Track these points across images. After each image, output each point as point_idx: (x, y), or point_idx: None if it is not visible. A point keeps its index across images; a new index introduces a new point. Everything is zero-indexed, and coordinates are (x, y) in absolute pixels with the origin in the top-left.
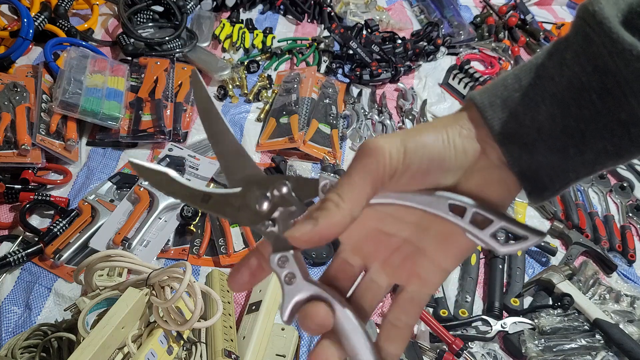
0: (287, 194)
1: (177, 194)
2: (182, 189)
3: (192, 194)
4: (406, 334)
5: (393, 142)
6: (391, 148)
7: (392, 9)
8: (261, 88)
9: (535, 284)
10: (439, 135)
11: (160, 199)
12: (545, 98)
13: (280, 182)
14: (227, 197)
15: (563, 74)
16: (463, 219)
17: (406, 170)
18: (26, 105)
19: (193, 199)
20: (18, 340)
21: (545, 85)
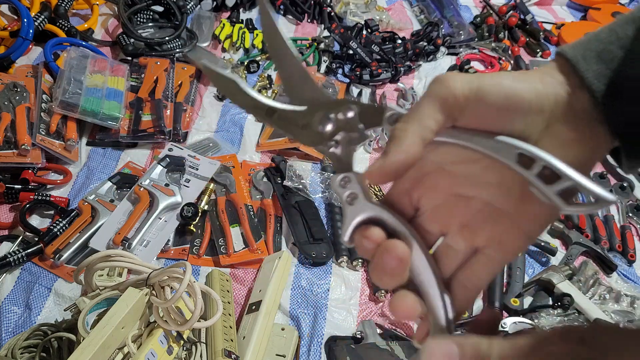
0: (352, 119)
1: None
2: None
3: (256, 106)
4: (473, 296)
5: (468, 76)
6: (464, 80)
7: (392, 9)
8: (261, 88)
9: (535, 284)
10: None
11: (160, 199)
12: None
13: (346, 106)
14: (292, 113)
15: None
16: (530, 170)
17: (479, 104)
18: (26, 105)
19: (257, 111)
20: (18, 340)
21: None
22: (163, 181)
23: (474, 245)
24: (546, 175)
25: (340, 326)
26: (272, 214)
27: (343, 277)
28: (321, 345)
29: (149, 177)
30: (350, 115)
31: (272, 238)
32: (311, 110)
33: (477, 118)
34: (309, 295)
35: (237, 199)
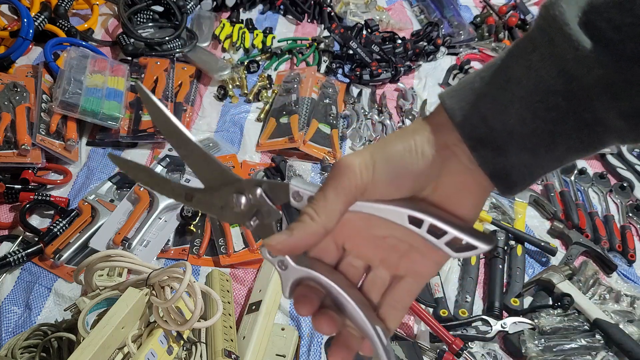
0: (260, 198)
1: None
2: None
3: (174, 191)
4: (402, 314)
5: (363, 158)
6: (361, 165)
7: (392, 9)
8: (261, 88)
9: (535, 284)
10: (407, 145)
11: (160, 199)
12: (514, 102)
13: (253, 186)
14: (209, 196)
15: (530, 77)
16: (420, 228)
17: (377, 184)
18: (26, 105)
19: (177, 196)
20: (18, 340)
21: (514, 89)
22: None
23: (395, 274)
24: (434, 231)
25: None
26: None
27: None
28: (321, 345)
29: None
30: (258, 193)
31: None
32: (223, 191)
33: (380, 194)
34: None
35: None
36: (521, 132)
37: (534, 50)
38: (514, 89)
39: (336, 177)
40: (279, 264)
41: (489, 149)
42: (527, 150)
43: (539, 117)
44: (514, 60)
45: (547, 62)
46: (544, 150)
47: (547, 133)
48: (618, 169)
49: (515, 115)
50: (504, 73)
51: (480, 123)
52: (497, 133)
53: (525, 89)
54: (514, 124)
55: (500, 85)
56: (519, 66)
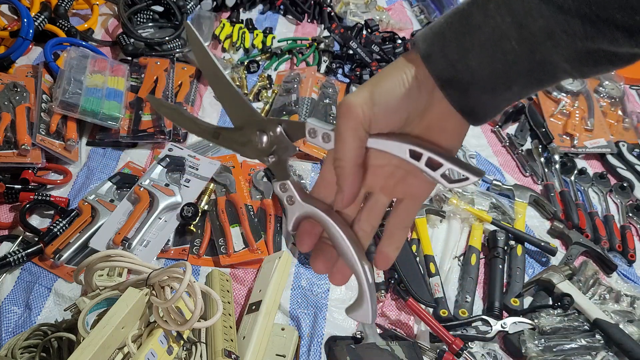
0: (280, 135)
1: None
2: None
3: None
4: (405, 233)
5: (362, 96)
6: (362, 104)
7: (392, 9)
8: (261, 88)
9: (535, 284)
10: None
11: (160, 199)
12: (474, 46)
13: (274, 124)
14: (233, 133)
15: (488, 23)
16: (419, 162)
17: (377, 117)
18: (26, 105)
19: (205, 134)
20: (18, 340)
21: (474, 34)
22: (163, 181)
23: (393, 198)
24: (431, 163)
25: (340, 326)
26: (272, 214)
27: None
28: (321, 345)
29: (149, 177)
30: (278, 130)
31: (272, 238)
32: (247, 130)
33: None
34: (309, 295)
35: (237, 199)
36: (481, 73)
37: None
38: (475, 35)
39: (343, 117)
40: (287, 199)
41: (455, 89)
42: (488, 91)
43: (496, 59)
44: (475, 7)
45: (501, 10)
46: (502, 89)
47: (504, 74)
48: (618, 169)
49: (475, 59)
50: (466, 20)
51: (448, 66)
52: (462, 74)
53: (484, 34)
54: (474, 66)
55: (463, 31)
56: (478, 13)
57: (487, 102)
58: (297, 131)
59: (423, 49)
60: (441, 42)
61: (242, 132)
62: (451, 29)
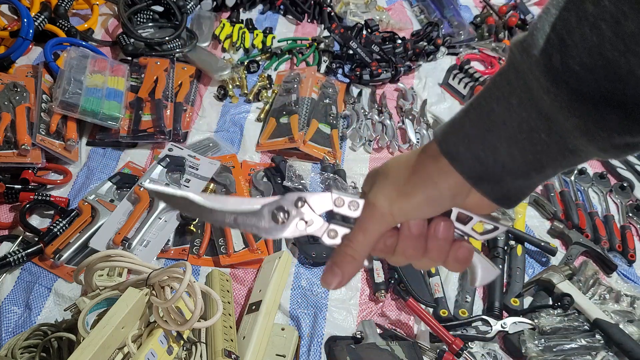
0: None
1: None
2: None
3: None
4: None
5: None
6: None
7: (392, 9)
8: (261, 88)
9: (535, 284)
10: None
11: None
12: (502, 142)
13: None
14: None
15: (512, 118)
16: (450, 216)
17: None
18: (26, 105)
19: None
20: (18, 340)
21: (500, 130)
22: (163, 181)
23: None
24: (461, 218)
25: (340, 326)
26: None
27: None
28: (321, 345)
29: (149, 177)
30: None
31: None
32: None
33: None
34: (309, 295)
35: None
36: (512, 165)
37: (512, 93)
38: (500, 130)
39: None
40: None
41: (487, 183)
42: (520, 177)
43: (526, 150)
44: (496, 103)
45: (526, 106)
46: (535, 173)
47: (536, 161)
48: (618, 169)
49: (504, 153)
50: (488, 116)
51: (477, 163)
52: (492, 169)
53: (510, 129)
54: (504, 159)
55: (487, 128)
56: (500, 108)
57: (521, 186)
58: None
59: (446, 150)
60: (466, 140)
61: (260, 214)
62: (473, 127)
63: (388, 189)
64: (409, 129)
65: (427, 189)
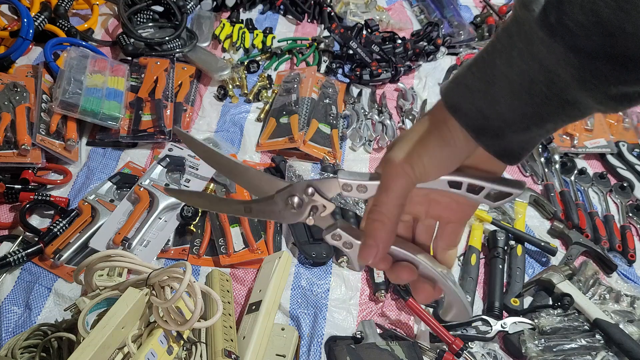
0: (313, 196)
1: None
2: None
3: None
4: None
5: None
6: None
7: (392, 9)
8: (261, 88)
9: (535, 284)
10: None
11: (160, 198)
12: (503, 94)
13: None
14: (265, 205)
15: (513, 71)
16: (461, 189)
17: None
18: (26, 105)
19: (237, 212)
20: (18, 340)
21: (501, 83)
22: (163, 181)
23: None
24: (472, 188)
25: (340, 326)
26: None
27: (343, 277)
28: (321, 345)
29: (149, 177)
30: (310, 191)
31: (272, 238)
32: (278, 198)
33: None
34: (309, 295)
35: (238, 198)
36: (513, 117)
37: (513, 47)
38: (501, 83)
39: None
40: (344, 246)
41: (488, 136)
42: (521, 131)
43: (526, 103)
44: (498, 56)
45: (526, 58)
46: (535, 127)
47: (535, 114)
48: (618, 168)
49: (505, 105)
50: (490, 69)
51: (478, 115)
52: (493, 121)
53: (511, 81)
54: (505, 112)
55: (489, 81)
56: (502, 62)
57: (522, 141)
58: (330, 188)
59: (450, 103)
60: (468, 93)
61: (273, 201)
62: (476, 80)
63: (405, 145)
64: None
65: (440, 135)
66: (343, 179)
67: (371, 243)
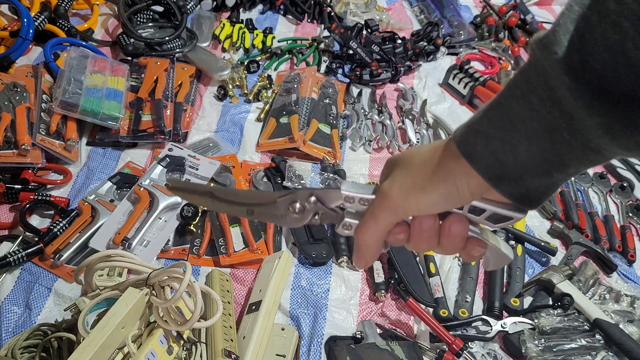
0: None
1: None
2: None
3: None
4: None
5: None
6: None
7: (392, 9)
8: (261, 88)
9: (535, 284)
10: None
11: (160, 199)
12: (521, 141)
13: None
14: (268, 209)
15: (533, 117)
16: (463, 210)
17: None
18: (26, 105)
19: (241, 213)
20: (18, 340)
21: (519, 129)
22: (163, 181)
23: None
24: (474, 210)
25: (340, 326)
26: None
27: (343, 277)
28: (321, 345)
29: (149, 177)
30: (312, 200)
31: (272, 238)
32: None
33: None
34: (309, 295)
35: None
36: (532, 164)
37: (532, 91)
38: (520, 129)
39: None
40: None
41: (506, 183)
42: (541, 176)
43: (547, 150)
44: (515, 102)
45: (546, 104)
46: (556, 172)
47: (557, 160)
48: (618, 168)
49: (524, 152)
50: (507, 116)
51: (495, 162)
52: (511, 169)
53: (530, 128)
54: (524, 159)
55: (507, 127)
56: (520, 107)
57: (543, 186)
58: (332, 198)
59: (465, 150)
60: (484, 140)
61: (275, 206)
62: (492, 126)
63: (405, 182)
64: (409, 129)
65: (445, 186)
66: (346, 192)
67: (360, 256)
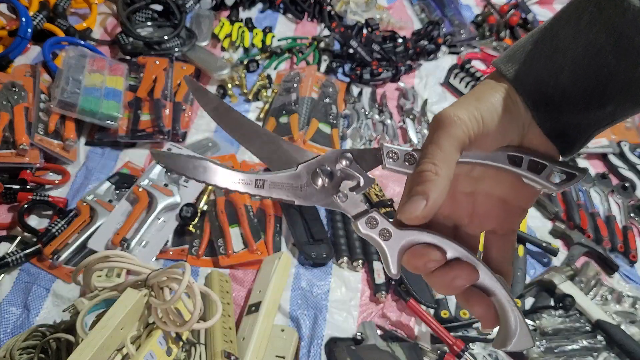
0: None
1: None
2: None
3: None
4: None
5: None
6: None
7: (392, 8)
8: (261, 87)
9: (536, 285)
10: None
11: (159, 199)
12: (566, 64)
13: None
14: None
15: (579, 41)
16: (521, 167)
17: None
18: (24, 104)
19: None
20: (16, 341)
21: (565, 53)
22: (162, 181)
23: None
24: (534, 167)
25: (341, 327)
26: (272, 214)
27: (343, 278)
28: (321, 346)
29: (147, 177)
30: (344, 163)
31: (271, 238)
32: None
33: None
34: (309, 296)
35: (237, 199)
36: (574, 91)
37: (581, 17)
38: (565, 53)
39: (445, 128)
40: (381, 235)
41: (546, 110)
42: (580, 109)
43: (590, 76)
44: (562, 27)
45: (595, 26)
46: (595, 108)
47: (598, 90)
48: (620, 169)
49: (567, 76)
50: (553, 40)
51: (537, 85)
52: (553, 94)
53: (575, 52)
54: (566, 84)
55: (552, 51)
56: (566, 33)
57: (579, 124)
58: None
59: (509, 71)
60: (529, 61)
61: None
62: (538, 48)
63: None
64: (410, 129)
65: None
66: (388, 146)
67: (418, 198)
